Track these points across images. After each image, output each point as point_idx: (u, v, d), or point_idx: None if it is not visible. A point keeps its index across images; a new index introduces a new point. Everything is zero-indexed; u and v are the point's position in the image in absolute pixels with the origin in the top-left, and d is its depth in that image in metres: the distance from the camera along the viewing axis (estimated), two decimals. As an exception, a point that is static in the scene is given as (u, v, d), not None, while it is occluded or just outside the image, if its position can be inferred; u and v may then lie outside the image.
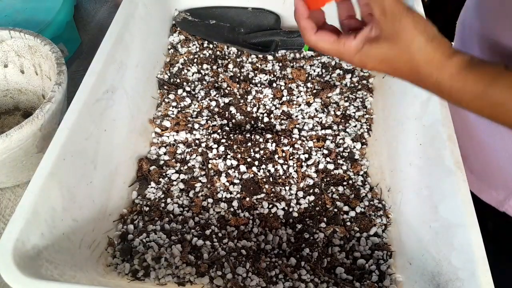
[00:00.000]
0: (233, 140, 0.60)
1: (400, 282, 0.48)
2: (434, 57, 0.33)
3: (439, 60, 0.33)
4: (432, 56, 0.33)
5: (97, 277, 0.45)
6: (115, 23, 0.54)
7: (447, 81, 0.33)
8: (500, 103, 0.31)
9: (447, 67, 0.33)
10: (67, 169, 0.42)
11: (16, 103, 0.65)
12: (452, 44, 0.34)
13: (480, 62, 0.32)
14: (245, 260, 0.48)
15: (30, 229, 0.37)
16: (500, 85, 0.31)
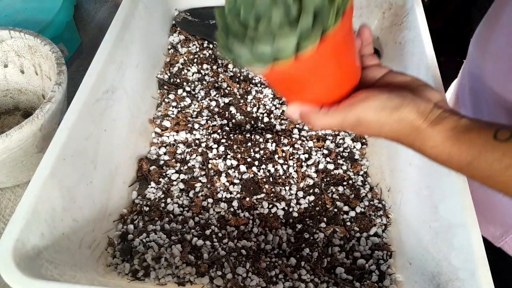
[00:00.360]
0: (233, 140, 0.60)
1: (400, 282, 0.48)
2: (403, 129, 0.31)
3: (413, 131, 0.31)
4: (406, 128, 0.31)
5: (97, 277, 0.45)
6: (115, 23, 0.54)
7: (431, 152, 0.31)
8: (488, 175, 0.29)
9: (429, 138, 0.30)
10: (67, 169, 0.42)
11: (16, 103, 0.65)
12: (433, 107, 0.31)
13: (466, 129, 0.29)
14: (245, 260, 0.48)
15: (30, 229, 0.37)
16: (488, 159, 0.28)
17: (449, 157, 0.30)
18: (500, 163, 0.28)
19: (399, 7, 0.65)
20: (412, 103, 0.30)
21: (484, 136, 0.29)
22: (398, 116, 0.30)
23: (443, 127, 0.30)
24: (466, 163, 0.29)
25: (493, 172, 0.28)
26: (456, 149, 0.29)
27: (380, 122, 0.31)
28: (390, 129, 0.31)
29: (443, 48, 2.00)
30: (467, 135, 0.29)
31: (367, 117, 0.31)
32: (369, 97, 0.31)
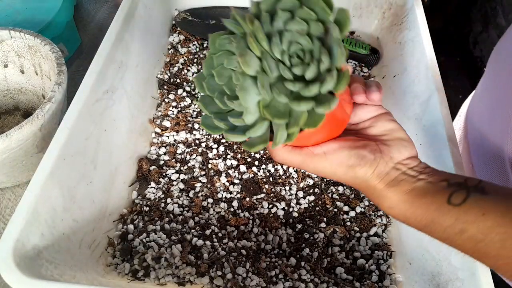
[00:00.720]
0: (233, 140, 0.60)
1: (400, 282, 0.48)
2: (360, 184, 0.32)
3: (370, 188, 0.32)
4: (362, 185, 0.32)
5: (97, 277, 0.45)
6: (115, 23, 0.54)
7: (388, 212, 0.32)
8: (444, 238, 0.29)
9: (384, 199, 0.31)
10: (67, 169, 0.42)
11: (16, 103, 0.65)
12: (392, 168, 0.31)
13: (421, 193, 0.30)
14: (245, 260, 0.48)
15: (30, 229, 0.37)
16: (442, 224, 0.29)
17: (405, 219, 0.31)
18: (453, 229, 0.28)
19: (399, 7, 0.65)
20: (368, 164, 0.31)
21: (437, 200, 0.29)
22: (353, 175, 0.32)
23: (399, 190, 0.31)
24: (422, 226, 0.30)
25: (449, 236, 0.29)
26: (410, 213, 0.30)
27: (336, 175, 0.32)
28: (346, 181, 0.33)
29: (443, 48, 2.00)
30: (422, 199, 0.30)
31: (325, 169, 0.32)
32: (329, 153, 0.32)
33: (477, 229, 0.27)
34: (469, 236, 0.27)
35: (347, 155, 0.32)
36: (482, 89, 0.53)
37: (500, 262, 0.27)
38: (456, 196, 0.29)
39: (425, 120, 0.51)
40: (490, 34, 1.60)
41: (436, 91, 0.49)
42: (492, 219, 0.27)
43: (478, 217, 0.27)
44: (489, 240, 0.27)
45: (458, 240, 0.28)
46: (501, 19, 1.52)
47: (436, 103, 0.49)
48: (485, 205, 0.28)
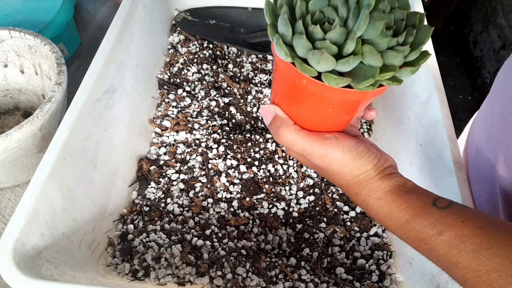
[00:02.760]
0: (233, 140, 0.60)
1: (400, 282, 0.48)
2: (359, 176, 0.32)
3: (366, 180, 0.32)
4: (361, 176, 0.32)
5: (97, 277, 0.45)
6: (115, 23, 0.54)
7: (373, 204, 0.32)
8: (421, 238, 0.29)
9: (375, 189, 0.32)
10: (67, 169, 0.42)
11: (16, 103, 0.65)
12: (388, 166, 0.33)
13: (409, 190, 0.31)
14: (245, 260, 0.48)
15: (30, 229, 0.37)
16: (422, 222, 0.29)
17: (389, 212, 0.31)
18: (433, 228, 0.28)
19: (399, 7, 0.65)
20: (373, 155, 0.33)
21: (423, 200, 0.30)
22: (359, 163, 0.32)
23: (391, 183, 0.32)
24: (403, 221, 0.30)
25: (425, 236, 0.29)
26: (396, 206, 0.31)
27: (343, 162, 0.32)
28: (349, 170, 0.33)
29: (443, 48, 2.00)
30: (409, 195, 0.31)
31: (334, 153, 0.32)
32: (340, 138, 0.33)
33: (454, 234, 0.27)
34: (445, 240, 0.28)
35: (356, 143, 0.33)
36: (485, 104, 0.53)
37: (469, 275, 0.27)
38: (441, 201, 0.30)
39: (425, 120, 0.51)
40: (490, 34, 1.60)
41: (436, 91, 0.49)
42: (469, 228, 0.27)
43: (458, 223, 0.28)
44: (463, 248, 0.27)
45: (434, 243, 0.28)
46: (501, 19, 1.52)
47: (436, 103, 0.49)
48: (466, 215, 0.28)
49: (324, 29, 0.27)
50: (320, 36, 0.27)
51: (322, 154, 0.33)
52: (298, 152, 0.34)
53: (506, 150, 0.43)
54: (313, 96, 0.30)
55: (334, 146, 0.32)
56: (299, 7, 0.28)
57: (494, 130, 0.47)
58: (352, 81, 0.28)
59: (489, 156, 0.47)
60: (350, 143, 0.32)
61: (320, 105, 0.31)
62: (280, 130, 0.33)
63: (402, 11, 0.29)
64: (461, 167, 0.43)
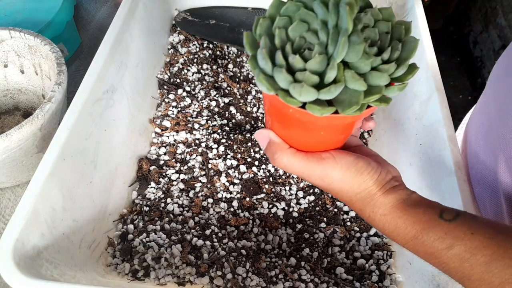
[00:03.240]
0: (233, 140, 0.60)
1: (400, 282, 0.48)
2: (361, 193, 0.32)
3: (368, 197, 0.32)
4: (364, 192, 0.32)
5: (97, 277, 0.45)
6: (115, 23, 0.54)
7: (379, 220, 0.32)
8: (430, 252, 0.29)
9: (379, 206, 0.31)
10: (67, 169, 0.42)
11: (16, 103, 0.65)
12: (390, 179, 0.33)
13: (415, 203, 0.31)
14: (245, 260, 0.48)
15: (30, 229, 0.37)
16: (430, 236, 0.29)
17: (395, 228, 0.31)
18: (442, 243, 0.28)
19: (399, 7, 0.65)
20: (374, 170, 0.32)
21: (430, 213, 0.30)
22: (360, 180, 0.31)
23: (395, 197, 0.31)
24: (411, 236, 0.30)
25: (435, 251, 0.28)
26: (402, 221, 0.30)
27: (343, 181, 0.32)
28: (350, 188, 0.32)
29: (443, 48, 2.00)
30: (415, 209, 0.30)
31: (333, 173, 0.32)
32: (338, 156, 0.32)
33: (464, 247, 0.27)
34: (456, 253, 0.27)
35: (355, 160, 0.32)
36: (481, 104, 0.53)
37: (482, 287, 0.26)
38: (447, 213, 0.29)
39: (425, 120, 0.51)
40: (490, 34, 1.60)
41: (436, 91, 0.49)
42: (479, 240, 0.27)
43: (467, 235, 0.27)
44: (474, 261, 0.27)
45: (444, 257, 0.28)
46: (501, 19, 1.52)
47: (436, 103, 0.49)
48: (475, 225, 0.28)
49: (305, 57, 0.27)
50: (300, 66, 0.27)
51: (321, 175, 0.32)
52: (297, 174, 0.33)
53: (506, 152, 0.43)
54: (303, 122, 0.30)
55: (332, 165, 0.32)
56: (279, 36, 0.28)
57: (492, 133, 0.46)
58: (338, 107, 0.27)
59: (489, 159, 0.47)
60: (348, 160, 0.32)
61: (312, 130, 0.31)
62: (275, 155, 0.33)
63: (386, 23, 0.28)
64: (461, 167, 0.43)
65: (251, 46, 0.29)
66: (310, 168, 0.32)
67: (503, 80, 0.46)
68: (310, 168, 0.32)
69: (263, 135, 0.34)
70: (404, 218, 0.30)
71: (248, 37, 0.29)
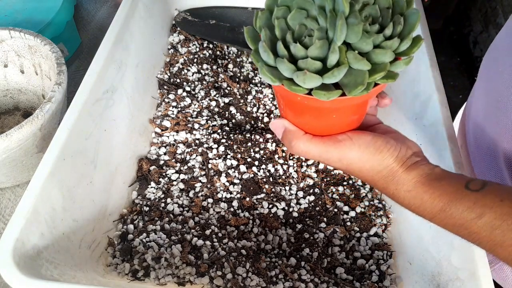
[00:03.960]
0: (233, 140, 0.60)
1: (400, 282, 0.48)
2: (382, 171, 0.31)
3: (390, 174, 0.31)
4: (385, 170, 0.31)
5: (97, 277, 0.45)
6: (115, 23, 0.54)
7: (404, 196, 0.31)
8: (460, 224, 0.29)
9: (403, 182, 0.31)
10: (67, 169, 0.42)
11: (16, 103, 0.65)
12: (411, 155, 0.32)
13: (439, 177, 0.30)
14: (245, 260, 0.48)
15: (30, 229, 0.37)
16: (458, 207, 0.28)
17: (422, 203, 0.30)
18: (471, 212, 0.28)
19: (399, 7, 0.65)
20: (393, 147, 0.32)
21: (455, 185, 0.29)
22: (379, 158, 0.31)
23: (418, 173, 0.31)
24: (438, 209, 0.30)
25: (465, 222, 0.28)
26: (428, 195, 0.30)
27: (362, 160, 0.32)
28: (370, 167, 0.32)
29: (443, 48, 2.00)
30: (440, 182, 0.30)
31: (351, 154, 0.32)
32: (355, 136, 0.32)
33: (494, 214, 0.27)
34: (486, 221, 0.27)
35: (373, 139, 0.32)
36: (479, 85, 0.53)
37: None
38: (474, 183, 0.29)
39: (425, 120, 0.51)
40: (490, 34, 1.60)
41: (436, 91, 0.49)
42: (509, 206, 0.27)
43: (496, 203, 0.27)
44: (505, 227, 0.27)
45: (474, 226, 0.28)
46: (501, 19, 1.52)
47: (436, 103, 0.49)
48: (503, 192, 0.28)
49: (306, 44, 0.27)
50: (302, 53, 0.27)
51: (339, 157, 0.32)
52: (315, 159, 0.33)
53: (508, 145, 0.43)
54: (313, 108, 0.30)
55: (349, 146, 0.32)
56: (278, 26, 0.28)
57: (491, 123, 0.46)
58: (344, 90, 0.27)
59: (490, 134, 0.47)
60: (366, 140, 0.32)
61: (323, 114, 0.31)
62: (292, 143, 0.33)
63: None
64: (461, 167, 0.43)
65: (252, 40, 0.29)
66: (327, 151, 0.32)
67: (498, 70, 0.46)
68: (327, 151, 0.32)
69: (278, 125, 0.34)
70: (430, 192, 0.30)
71: (248, 32, 0.29)
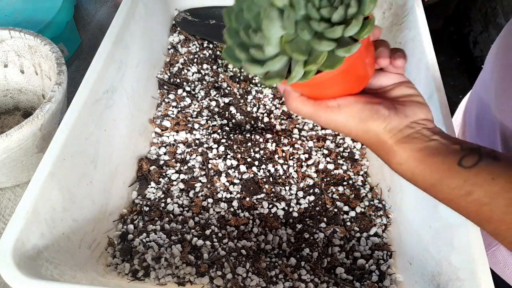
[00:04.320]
0: (233, 140, 0.60)
1: (400, 282, 0.48)
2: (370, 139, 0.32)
3: (380, 143, 0.32)
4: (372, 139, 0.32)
5: (97, 277, 0.45)
6: (115, 23, 0.54)
7: (396, 168, 0.32)
8: (449, 199, 0.29)
9: (394, 155, 0.31)
10: (67, 169, 0.42)
11: (16, 103, 0.65)
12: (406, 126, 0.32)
13: (433, 152, 0.30)
14: (245, 260, 0.48)
15: (30, 229, 0.37)
16: (449, 185, 0.29)
17: (412, 176, 0.31)
18: (460, 190, 0.28)
19: (399, 6, 0.65)
20: (381, 118, 0.31)
21: (448, 161, 0.29)
22: (364, 128, 0.32)
23: (410, 147, 0.31)
24: (429, 185, 0.30)
25: (454, 197, 0.29)
26: (419, 170, 0.30)
27: (346, 127, 0.33)
28: (356, 135, 0.33)
29: (443, 48, 2.00)
30: (433, 158, 0.30)
31: (336, 120, 0.33)
32: (344, 104, 0.33)
33: (484, 192, 0.27)
34: (475, 199, 0.28)
35: (361, 108, 0.32)
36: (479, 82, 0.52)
37: (502, 227, 0.27)
38: (467, 159, 0.29)
39: (425, 120, 0.51)
40: (490, 34, 1.60)
41: (436, 91, 0.49)
42: (501, 184, 0.27)
43: (487, 181, 0.27)
44: (494, 205, 0.27)
45: (462, 202, 0.28)
46: (501, 19, 1.52)
47: (436, 103, 0.49)
48: (496, 170, 0.28)
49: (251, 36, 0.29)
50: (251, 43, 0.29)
51: (326, 121, 0.33)
52: (306, 118, 0.35)
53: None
54: (298, 87, 0.32)
55: (336, 113, 0.33)
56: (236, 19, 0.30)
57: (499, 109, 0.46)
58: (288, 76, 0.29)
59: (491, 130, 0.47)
60: (353, 109, 0.32)
61: (310, 89, 0.33)
62: (288, 101, 0.35)
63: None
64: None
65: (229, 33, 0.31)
66: (316, 113, 0.33)
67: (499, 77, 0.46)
68: (316, 113, 0.33)
69: (283, 87, 0.36)
70: (421, 168, 0.30)
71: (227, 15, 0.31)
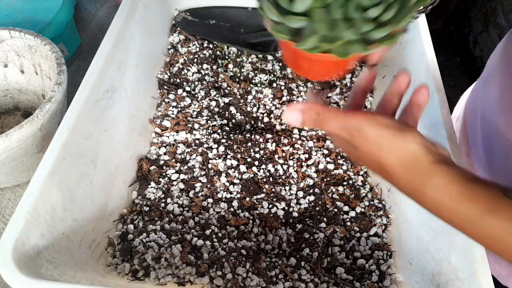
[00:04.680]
0: (233, 140, 0.60)
1: (400, 282, 0.48)
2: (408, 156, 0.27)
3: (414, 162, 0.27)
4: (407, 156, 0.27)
5: (97, 277, 0.45)
6: (115, 23, 0.54)
7: (433, 195, 0.27)
8: (496, 234, 0.25)
9: (431, 176, 0.27)
10: (67, 169, 0.42)
11: (16, 103, 0.65)
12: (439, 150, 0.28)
13: (474, 179, 0.26)
14: (245, 260, 0.48)
15: (30, 229, 0.37)
16: (500, 216, 0.24)
17: (456, 206, 0.26)
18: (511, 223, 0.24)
19: (399, 7, 0.65)
20: (418, 134, 0.28)
21: (493, 191, 0.25)
22: (401, 139, 0.27)
23: (450, 169, 0.27)
24: (475, 217, 0.26)
25: (504, 233, 0.25)
26: (464, 197, 0.26)
27: (381, 138, 0.28)
28: (388, 149, 0.28)
29: (443, 48, 2.00)
30: (477, 184, 0.26)
31: (369, 129, 0.28)
32: (376, 114, 0.30)
33: None
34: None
35: (394, 120, 0.29)
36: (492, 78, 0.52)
37: None
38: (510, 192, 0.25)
39: (425, 120, 0.51)
40: (490, 34, 1.60)
41: (436, 91, 0.49)
42: None
43: None
44: None
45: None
46: (501, 19, 1.52)
47: (436, 103, 0.49)
48: None
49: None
50: None
51: (357, 130, 0.29)
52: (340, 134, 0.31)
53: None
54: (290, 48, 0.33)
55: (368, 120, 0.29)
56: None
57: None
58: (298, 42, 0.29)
59: None
60: (385, 118, 0.29)
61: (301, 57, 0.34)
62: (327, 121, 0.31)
63: None
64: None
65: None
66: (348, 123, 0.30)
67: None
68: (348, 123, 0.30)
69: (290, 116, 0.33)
70: (467, 195, 0.26)
71: None
